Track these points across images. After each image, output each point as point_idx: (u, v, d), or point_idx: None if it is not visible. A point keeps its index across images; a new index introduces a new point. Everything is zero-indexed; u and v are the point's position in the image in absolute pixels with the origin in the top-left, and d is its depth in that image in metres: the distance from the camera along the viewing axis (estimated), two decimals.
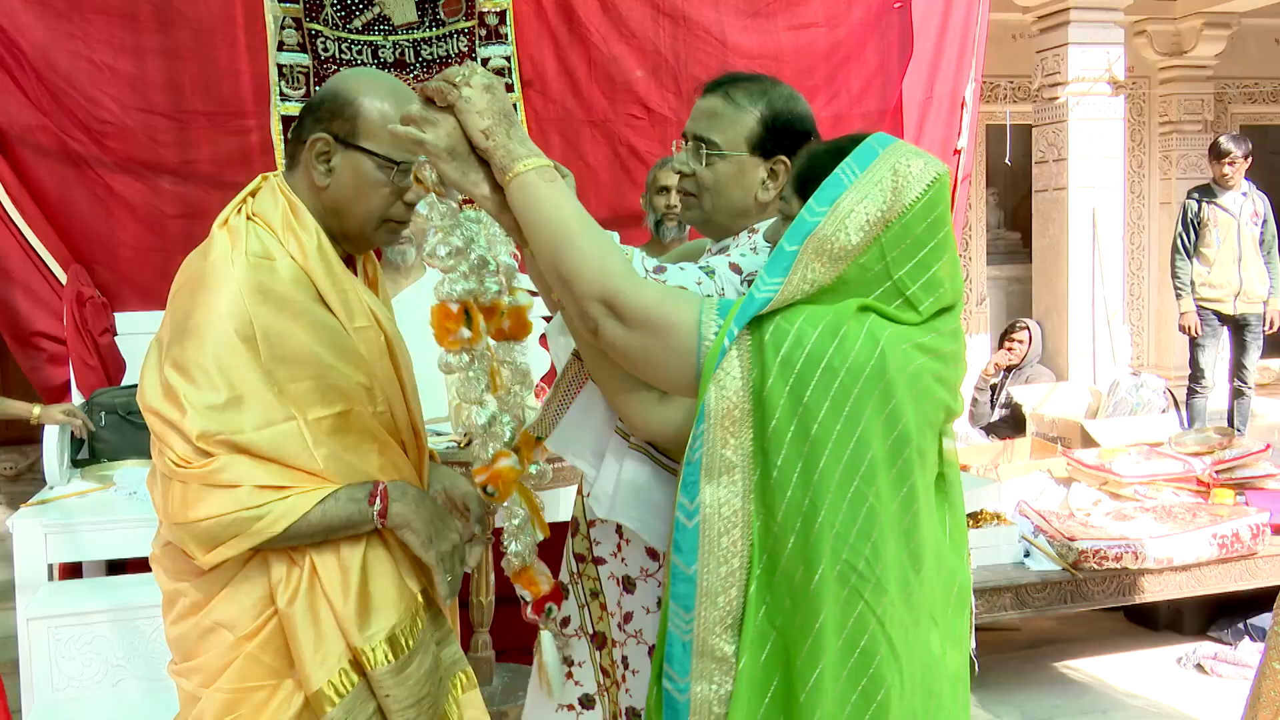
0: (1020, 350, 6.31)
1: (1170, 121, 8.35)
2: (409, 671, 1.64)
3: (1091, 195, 6.65)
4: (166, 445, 1.57)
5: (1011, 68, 7.83)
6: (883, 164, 1.39)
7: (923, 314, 1.40)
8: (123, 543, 3.29)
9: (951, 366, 1.44)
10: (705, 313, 1.39)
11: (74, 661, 3.11)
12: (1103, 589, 3.77)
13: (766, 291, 1.36)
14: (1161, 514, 3.99)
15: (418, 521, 1.64)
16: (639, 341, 1.40)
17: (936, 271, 1.40)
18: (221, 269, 1.59)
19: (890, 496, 1.34)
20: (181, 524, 1.57)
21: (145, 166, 3.97)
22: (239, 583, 1.62)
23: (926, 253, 1.39)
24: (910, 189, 1.38)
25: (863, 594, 1.32)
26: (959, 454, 4.76)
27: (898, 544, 1.35)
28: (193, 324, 1.57)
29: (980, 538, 3.78)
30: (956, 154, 4.66)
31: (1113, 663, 4.11)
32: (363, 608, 1.61)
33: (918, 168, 1.39)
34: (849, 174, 1.39)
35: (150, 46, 3.95)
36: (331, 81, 1.72)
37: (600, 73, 4.36)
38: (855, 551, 1.32)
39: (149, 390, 1.60)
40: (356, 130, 1.65)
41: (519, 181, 1.44)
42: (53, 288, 3.86)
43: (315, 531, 1.59)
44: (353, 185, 1.66)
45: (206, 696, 1.62)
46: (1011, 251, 8.87)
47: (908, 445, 1.35)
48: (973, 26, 4.58)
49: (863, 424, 1.32)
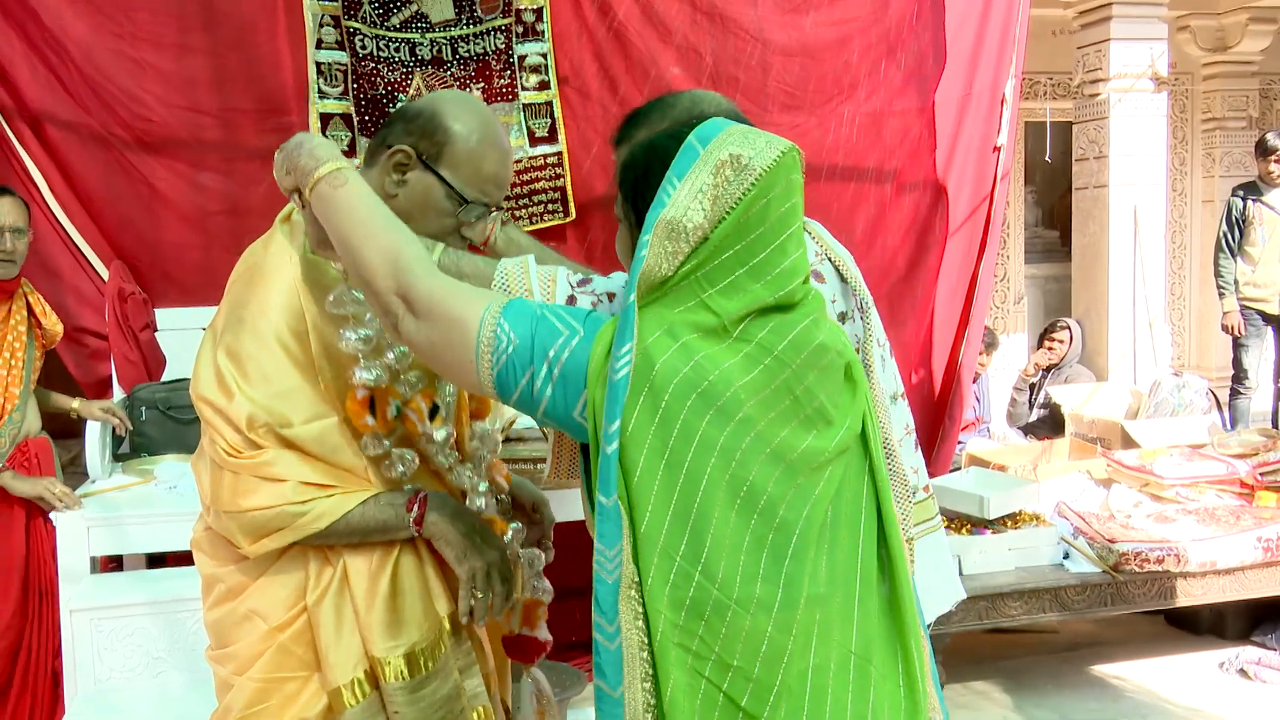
0: (1060, 350, 6.25)
1: (1214, 118, 8.23)
2: (423, 693, 1.63)
3: (1133, 193, 6.57)
4: (217, 433, 1.59)
5: (1051, 64, 7.75)
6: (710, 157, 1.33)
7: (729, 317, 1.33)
8: (163, 536, 3.33)
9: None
10: (488, 309, 1.36)
11: (116, 653, 3.16)
12: (1143, 592, 3.73)
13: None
14: (1204, 516, 3.94)
15: (453, 534, 1.64)
16: (427, 334, 1.38)
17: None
18: (278, 263, 1.62)
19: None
20: (231, 512, 1.59)
21: (188, 163, 4.00)
22: (274, 574, 1.64)
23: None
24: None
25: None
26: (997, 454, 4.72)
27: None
28: (247, 314, 1.60)
29: (1019, 539, 3.75)
30: (995, 151, 4.60)
31: (1153, 667, 4.06)
32: (386, 619, 1.62)
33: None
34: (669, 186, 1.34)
35: (193, 44, 3.98)
36: (433, 98, 1.73)
37: (637, 70, 4.35)
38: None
39: (202, 379, 1.62)
40: (441, 155, 1.66)
41: (314, 195, 1.48)
42: (95, 283, 3.90)
43: (353, 532, 1.60)
44: (420, 205, 1.67)
45: (238, 684, 1.64)
46: (1049, 250, 8.78)
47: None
48: (1013, 22, 4.53)
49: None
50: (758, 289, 1.32)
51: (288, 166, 1.54)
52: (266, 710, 1.63)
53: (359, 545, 1.62)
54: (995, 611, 3.64)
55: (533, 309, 1.37)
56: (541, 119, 4.32)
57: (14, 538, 3.33)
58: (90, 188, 3.93)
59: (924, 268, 4.60)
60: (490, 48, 4.25)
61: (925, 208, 4.58)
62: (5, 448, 3.35)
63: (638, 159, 1.43)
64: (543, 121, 4.32)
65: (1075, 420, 5.50)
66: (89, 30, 3.86)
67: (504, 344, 1.34)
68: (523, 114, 4.30)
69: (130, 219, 3.98)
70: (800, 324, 1.36)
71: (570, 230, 4.44)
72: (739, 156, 1.32)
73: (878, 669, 1.36)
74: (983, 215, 4.59)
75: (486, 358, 1.34)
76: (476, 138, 1.67)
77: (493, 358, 1.34)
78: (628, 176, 1.44)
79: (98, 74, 3.87)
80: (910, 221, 4.59)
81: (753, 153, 1.32)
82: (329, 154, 1.50)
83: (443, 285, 1.40)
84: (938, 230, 4.58)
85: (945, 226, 4.59)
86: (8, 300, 3.39)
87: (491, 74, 4.26)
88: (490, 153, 1.68)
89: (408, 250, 1.41)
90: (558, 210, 4.39)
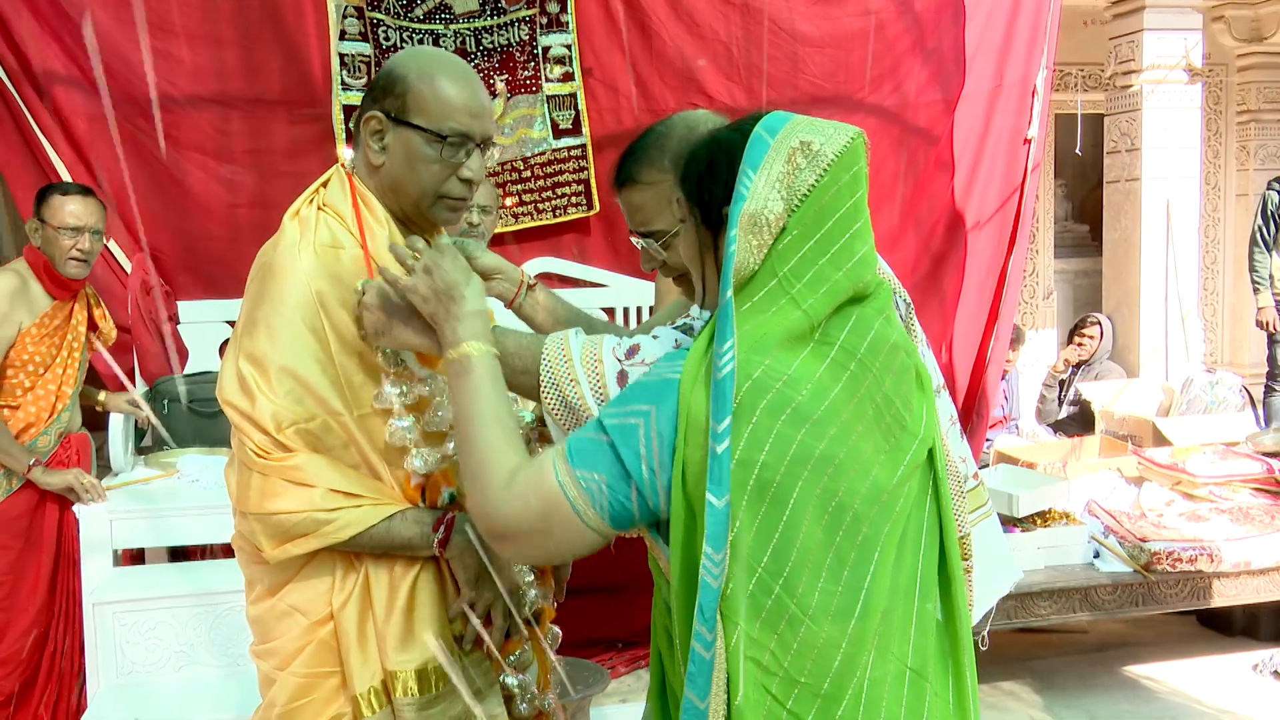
0: (1091, 346, 6.17)
1: (1248, 110, 8.11)
2: (432, 713, 1.62)
3: (1166, 186, 6.48)
4: (245, 436, 1.58)
5: (1082, 55, 7.65)
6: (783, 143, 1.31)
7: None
8: (186, 529, 3.33)
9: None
10: (556, 470, 1.31)
11: (139, 647, 3.16)
12: (1175, 592, 3.68)
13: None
14: (1238, 515, 3.88)
15: (470, 558, 1.63)
16: (524, 541, 1.35)
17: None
18: (289, 259, 1.60)
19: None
20: (257, 514, 1.57)
21: (212, 155, 3.99)
22: (311, 570, 1.62)
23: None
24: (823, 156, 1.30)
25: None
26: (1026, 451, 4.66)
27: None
28: (261, 314, 1.58)
29: (1049, 537, 3.70)
30: (1026, 143, 4.54)
31: (1184, 668, 4.01)
32: (402, 632, 1.61)
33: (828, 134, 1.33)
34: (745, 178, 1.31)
35: (218, 36, 3.97)
36: (389, 61, 1.71)
37: (663, 62, 4.31)
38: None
39: (226, 383, 1.61)
40: (406, 107, 1.63)
41: (447, 365, 1.47)
42: (118, 276, 3.91)
43: (377, 544, 1.59)
44: (405, 162, 1.64)
45: (281, 679, 1.63)
46: (1080, 244, 8.68)
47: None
48: (1045, 12, 4.46)
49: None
50: (839, 278, 1.31)
51: (431, 310, 1.49)
52: (310, 705, 1.61)
53: (382, 555, 1.61)
54: (1024, 611, 3.60)
55: (592, 434, 1.33)
56: (566, 111, 4.28)
57: (45, 532, 3.35)
58: (114, 180, 3.93)
59: (952, 262, 4.54)
60: (514, 39, 4.22)
61: (954, 201, 4.53)
62: (51, 444, 3.37)
63: (699, 155, 1.40)
64: (567, 113, 4.28)
65: (1106, 417, 5.44)
66: (115, 23, 3.86)
67: (595, 489, 1.30)
68: (547, 106, 4.27)
69: (154, 211, 3.98)
70: (876, 321, 1.35)
71: (594, 222, 4.41)
72: (809, 144, 1.31)
73: (932, 686, 1.34)
74: (1013, 208, 4.54)
75: (590, 512, 1.30)
76: (431, 72, 1.64)
77: (596, 508, 1.30)
78: (690, 172, 1.40)
79: (123, 66, 3.87)
80: (938, 216, 4.54)
81: (822, 139, 1.31)
82: (469, 331, 1.45)
83: (516, 493, 1.34)
84: (966, 224, 4.53)
85: (975, 220, 4.54)
86: (72, 300, 3.40)
87: (515, 66, 4.23)
88: (451, 83, 1.64)
89: (493, 473, 1.36)
90: (582, 203, 4.36)
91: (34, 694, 3.33)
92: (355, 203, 1.66)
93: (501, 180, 4.25)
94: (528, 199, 4.31)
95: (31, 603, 3.33)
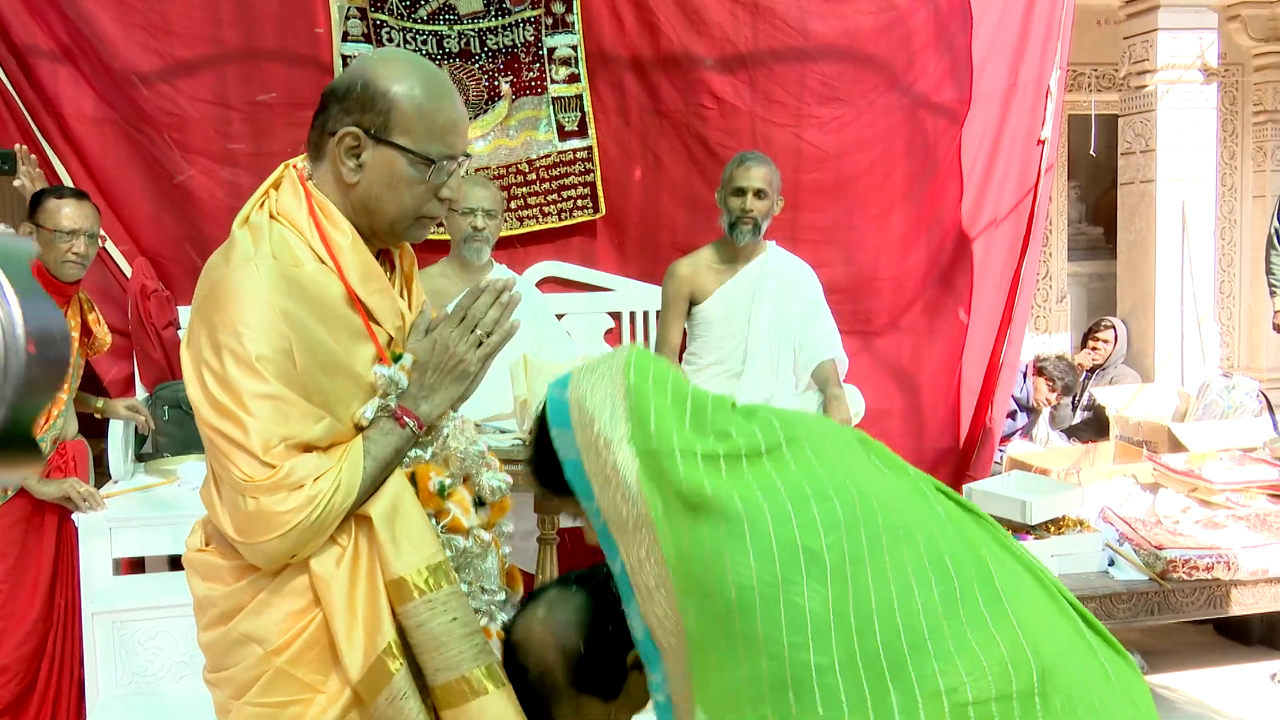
0: (1105, 350, 6.10)
1: (1265, 111, 8.02)
2: (451, 604, 1.57)
3: (1181, 188, 6.40)
4: (231, 462, 1.49)
5: (1096, 55, 7.58)
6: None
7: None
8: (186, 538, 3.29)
9: None
10: None
11: (138, 657, 3.12)
12: (1192, 600, 3.62)
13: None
14: (1256, 523, 3.81)
15: (439, 397, 1.61)
16: None
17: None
18: (247, 277, 1.50)
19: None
20: (273, 537, 1.49)
21: (213, 159, 3.97)
22: (269, 595, 1.55)
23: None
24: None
25: None
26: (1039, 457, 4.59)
27: None
28: (225, 339, 1.49)
29: (1062, 545, 3.64)
30: (1040, 144, 4.49)
31: (1201, 678, 3.95)
32: (399, 538, 1.56)
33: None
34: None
35: (220, 38, 3.95)
36: (358, 67, 1.61)
37: (669, 62, 4.26)
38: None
39: (201, 406, 1.52)
40: (389, 125, 1.55)
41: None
42: (118, 280, 3.88)
43: (377, 476, 1.56)
44: (385, 183, 1.57)
45: (236, 709, 1.57)
46: (1093, 247, 8.60)
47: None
48: (1058, 11, 4.41)
49: None
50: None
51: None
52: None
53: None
54: None
55: None
56: (571, 113, 4.23)
57: (44, 542, 3.31)
58: (114, 183, 3.90)
59: (965, 264, 4.49)
60: (519, 40, 4.17)
61: (967, 202, 4.48)
62: (46, 451, 3.32)
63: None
64: (572, 115, 4.24)
65: (1120, 422, 5.37)
66: (117, 25, 3.84)
67: None
68: (552, 108, 4.22)
69: (154, 215, 3.95)
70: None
71: (600, 226, 4.37)
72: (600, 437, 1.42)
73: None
74: (1026, 209, 4.48)
75: None
76: (420, 91, 1.55)
77: None
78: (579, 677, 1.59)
79: (125, 69, 3.85)
80: (952, 217, 4.49)
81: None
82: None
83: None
84: (980, 226, 4.48)
85: (988, 222, 4.48)
86: (65, 305, 3.36)
87: (520, 67, 4.18)
88: (440, 102, 1.56)
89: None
90: (588, 206, 4.31)
91: (31, 704, 3.30)
92: (313, 212, 1.57)
93: (506, 183, 4.21)
94: (533, 202, 4.27)
95: (29, 611, 3.29)
